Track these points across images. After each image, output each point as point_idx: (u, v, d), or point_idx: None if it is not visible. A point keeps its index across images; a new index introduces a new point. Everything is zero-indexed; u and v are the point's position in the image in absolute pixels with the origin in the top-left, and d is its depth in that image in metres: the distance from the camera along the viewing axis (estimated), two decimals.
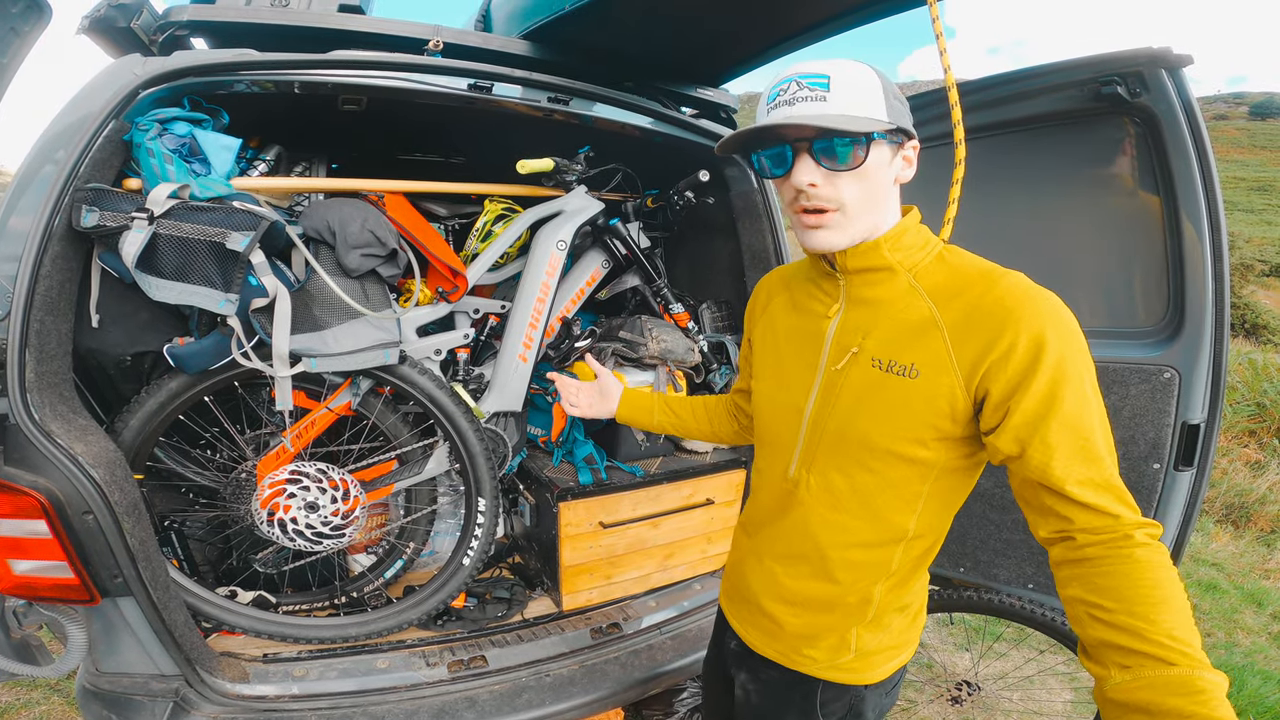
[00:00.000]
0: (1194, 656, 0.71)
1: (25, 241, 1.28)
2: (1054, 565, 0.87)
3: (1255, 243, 24.17)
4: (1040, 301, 0.85)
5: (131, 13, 1.45)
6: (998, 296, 0.86)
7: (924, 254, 0.96)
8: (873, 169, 0.89)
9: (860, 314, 0.98)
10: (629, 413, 1.45)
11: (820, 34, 1.70)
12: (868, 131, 0.86)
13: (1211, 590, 3.76)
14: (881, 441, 0.94)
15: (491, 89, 1.71)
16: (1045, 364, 0.82)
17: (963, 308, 0.89)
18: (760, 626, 1.15)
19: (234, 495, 1.84)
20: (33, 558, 1.32)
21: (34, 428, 1.28)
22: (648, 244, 2.38)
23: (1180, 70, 1.41)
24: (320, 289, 1.62)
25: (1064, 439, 0.82)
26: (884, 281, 0.96)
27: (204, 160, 1.53)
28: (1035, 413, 0.83)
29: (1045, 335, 0.83)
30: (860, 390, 0.96)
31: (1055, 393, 0.82)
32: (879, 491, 0.97)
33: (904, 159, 0.94)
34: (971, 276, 0.91)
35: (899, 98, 0.92)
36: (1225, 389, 1.49)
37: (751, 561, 1.16)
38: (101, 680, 1.51)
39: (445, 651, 1.84)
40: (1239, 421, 6.02)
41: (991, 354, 0.85)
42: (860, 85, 0.87)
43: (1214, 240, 1.42)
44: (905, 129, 0.91)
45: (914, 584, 1.08)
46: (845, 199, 0.90)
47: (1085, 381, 0.84)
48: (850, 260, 0.96)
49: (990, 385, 0.86)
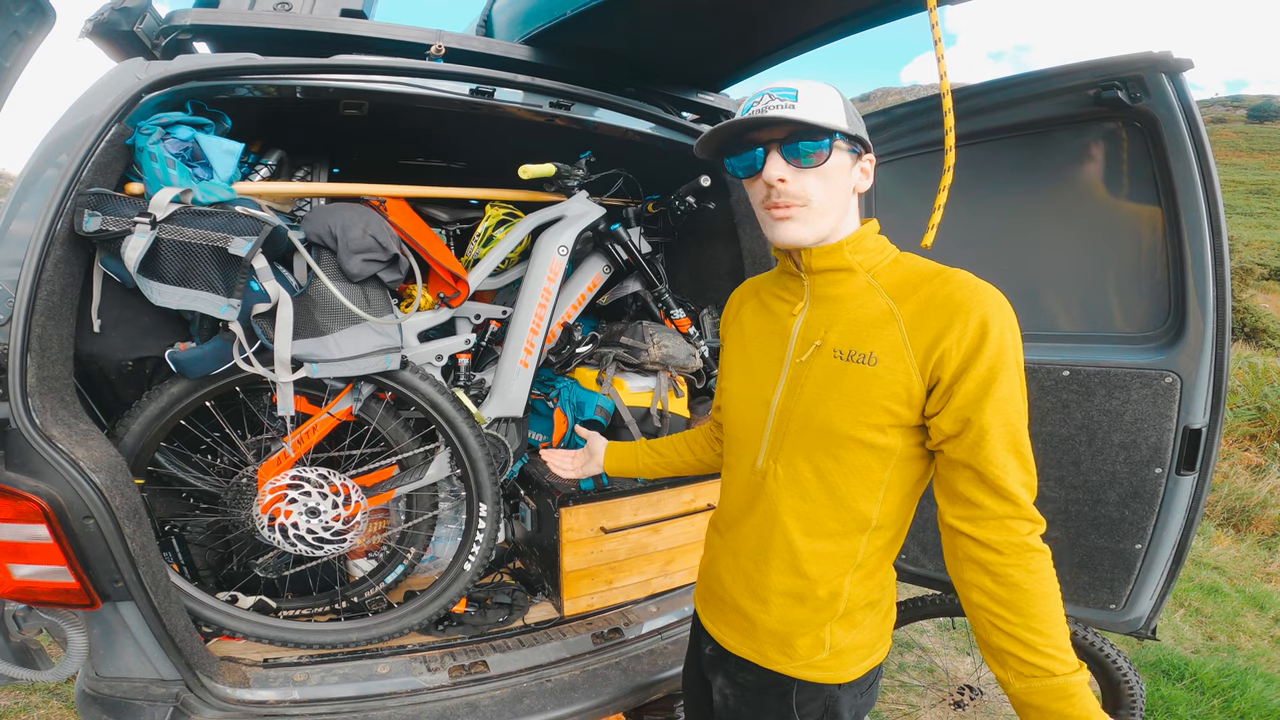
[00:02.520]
0: (1069, 664, 0.91)
1: (27, 246, 1.28)
2: (953, 557, 0.99)
3: (1255, 246, 24.18)
4: (985, 295, 0.95)
5: (135, 16, 1.45)
6: (949, 292, 0.96)
7: (881, 257, 1.06)
8: (834, 170, 1.00)
9: (824, 310, 1.07)
10: (616, 464, 1.54)
11: (821, 39, 1.71)
12: (830, 131, 0.97)
13: (1213, 594, 3.75)
14: (843, 428, 1.00)
15: (493, 94, 1.71)
16: (987, 351, 0.92)
17: (918, 302, 0.98)
18: (735, 625, 1.17)
19: (235, 500, 1.84)
20: (33, 562, 1.32)
21: (35, 433, 1.28)
22: (649, 249, 2.38)
23: (1180, 74, 1.42)
24: (322, 294, 1.62)
25: (996, 422, 0.92)
26: (845, 281, 1.05)
27: (206, 165, 1.53)
28: (974, 394, 0.92)
29: (989, 324, 0.92)
30: (823, 380, 1.03)
31: (993, 378, 0.92)
32: (843, 479, 1.03)
33: (862, 170, 1.06)
34: (925, 274, 1.01)
35: (857, 116, 1.04)
36: (1227, 393, 1.49)
37: (725, 559, 1.20)
38: (101, 685, 1.50)
39: (446, 657, 1.83)
40: (1240, 425, 6.02)
41: (943, 341, 0.94)
42: (824, 98, 0.99)
43: (1214, 245, 1.42)
44: (864, 140, 1.02)
45: (881, 577, 1.12)
46: (810, 194, 1.00)
47: (1017, 372, 0.95)
48: (815, 260, 1.05)
49: (941, 372, 0.95)
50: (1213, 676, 2.80)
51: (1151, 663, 2.92)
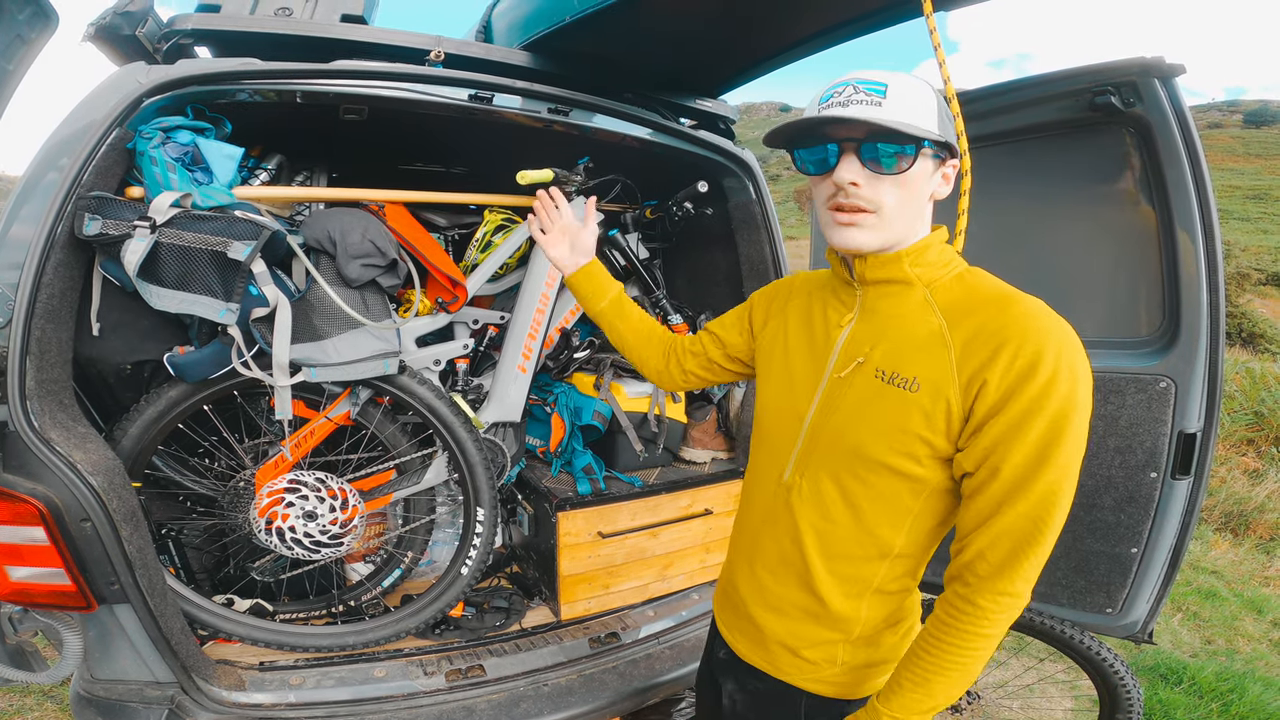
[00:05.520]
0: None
1: (28, 249, 1.29)
2: (947, 585, 0.94)
3: (1251, 251, 24.24)
4: (1050, 328, 0.84)
5: (136, 21, 1.46)
6: (1008, 319, 0.86)
7: (944, 271, 0.96)
8: (915, 178, 0.91)
9: (872, 325, 0.99)
10: (583, 283, 1.42)
11: (818, 45, 1.71)
12: (918, 139, 0.87)
13: (1211, 598, 3.75)
14: (874, 452, 0.94)
15: (492, 99, 1.72)
16: (1032, 388, 0.82)
17: (972, 327, 0.89)
18: (747, 634, 1.16)
19: (232, 504, 1.84)
20: (30, 564, 1.32)
21: (33, 435, 1.28)
22: (647, 255, 2.39)
23: (1173, 79, 1.43)
24: (320, 299, 1.63)
25: (1021, 493, 0.84)
26: (899, 294, 0.97)
27: (206, 169, 1.53)
28: (1005, 436, 0.84)
29: (1042, 359, 0.81)
30: (861, 399, 0.96)
31: (1030, 422, 0.82)
32: (868, 503, 0.97)
33: (943, 176, 0.96)
34: (988, 297, 0.91)
35: (950, 116, 0.95)
36: (1221, 398, 1.49)
37: (742, 567, 1.17)
38: (96, 687, 1.50)
39: (443, 661, 1.83)
40: (1237, 430, 6.03)
41: (986, 370, 0.85)
42: (916, 97, 0.89)
43: (1209, 249, 1.43)
44: (951, 146, 0.93)
45: (903, 600, 1.07)
46: (884, 202, 0.91)
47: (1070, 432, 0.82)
48: (870, 271, 0.97)
49: (977, 404, 0.86)
50: (1211, 680, 2.80)
51: (1149, 667, 2.92)
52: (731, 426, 2.34)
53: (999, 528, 0.86)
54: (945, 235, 0.99)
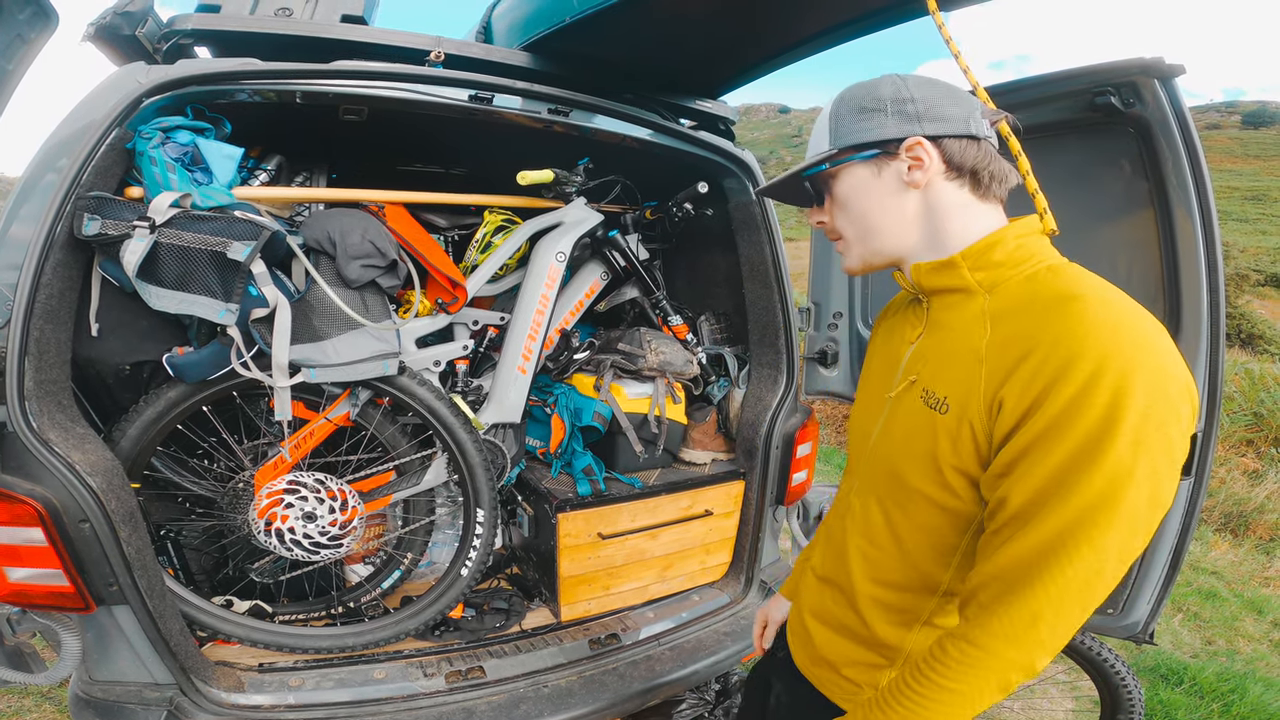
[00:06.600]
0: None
1: (27, 249, 1.28)
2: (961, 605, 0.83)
3: (1250, 252, 24.29)
4: (1101, 332, 0.67)
5: (136, 21, 1.46)
6: (1049, 320, 0.71)
7: (1016, 271, 0.82)
8: (845, 196, 0.92)
9: (933, 340, 0.90)
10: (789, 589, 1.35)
11: (821, 44, 1.71)
12: (814, 165, 0.91)
13: (1211, 598, 3.75)
14: (911, 479, 0.87)
15: (492, 100, 1.72)
16: (1059, 398, 0.67)
17: (1006, 334, 0.76)
18: (798, 635, 1.16)
19: (231, 505, 1.84)
20: (28, 565, 1.32)
21: (32, 436, 1.28)
22: (646, 256, 2.38)
23: (1172, 80, 1.42)
24: (320, 299, 1.63)
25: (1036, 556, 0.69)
26: (959, 304, 0.86)
27: (206, 169, 1.53)
28: (1013, 459, 0.71)
29: (1075, 364, 0.66)
30: (907, 421, 0.89)
31: (1053, 444, 0.67)
32: (909, 533, 0.90)
33: (907, 166, 0.85)
34: (1047, 297, 0.75)
35: (858, 110, 0.87)
36: (1222, 399, 1.49)
37: (808, 572, 1.18)
38: (95, 688, 1.50)
39: (443, 662, 1.83)
40: (1237, 431, 6.03)
41: (1008, 383, 0.72)
42: (817, 125, 0.92)
43: (1208, 251, 1.43)
44: (875, 141, 0.85)
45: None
46: (839, 226, 0.95)
47: (1127, 472, 0.65)
48: (924, 279, 0.90)
49: (997, 425, 0.74)
50: (1212, 681, 2.80)
51: (1150, 667, 2.92)
52: (731, 427, 2.33)
53: (993, 567, 0.75)
54: (1023, 229, 0.85)
